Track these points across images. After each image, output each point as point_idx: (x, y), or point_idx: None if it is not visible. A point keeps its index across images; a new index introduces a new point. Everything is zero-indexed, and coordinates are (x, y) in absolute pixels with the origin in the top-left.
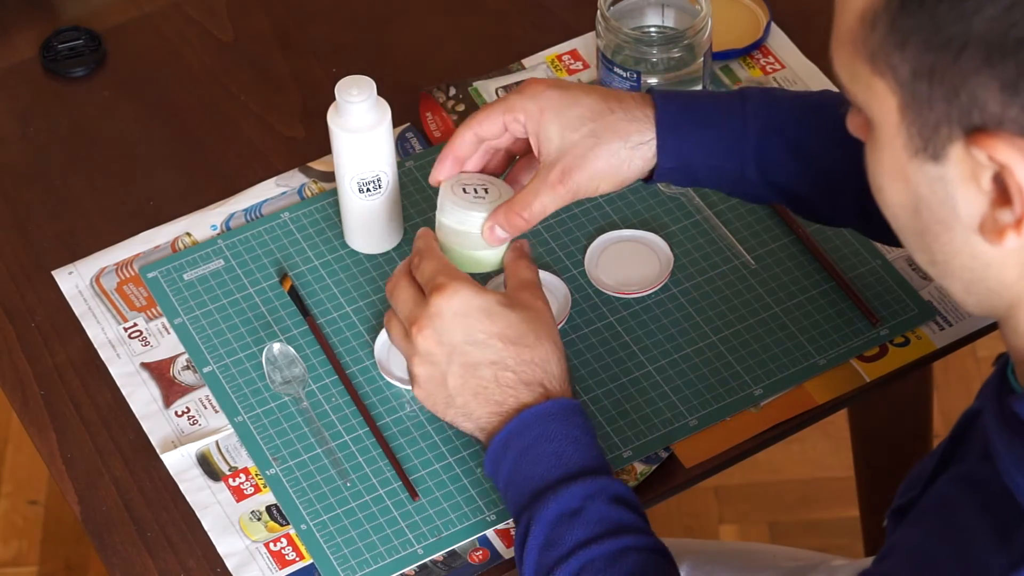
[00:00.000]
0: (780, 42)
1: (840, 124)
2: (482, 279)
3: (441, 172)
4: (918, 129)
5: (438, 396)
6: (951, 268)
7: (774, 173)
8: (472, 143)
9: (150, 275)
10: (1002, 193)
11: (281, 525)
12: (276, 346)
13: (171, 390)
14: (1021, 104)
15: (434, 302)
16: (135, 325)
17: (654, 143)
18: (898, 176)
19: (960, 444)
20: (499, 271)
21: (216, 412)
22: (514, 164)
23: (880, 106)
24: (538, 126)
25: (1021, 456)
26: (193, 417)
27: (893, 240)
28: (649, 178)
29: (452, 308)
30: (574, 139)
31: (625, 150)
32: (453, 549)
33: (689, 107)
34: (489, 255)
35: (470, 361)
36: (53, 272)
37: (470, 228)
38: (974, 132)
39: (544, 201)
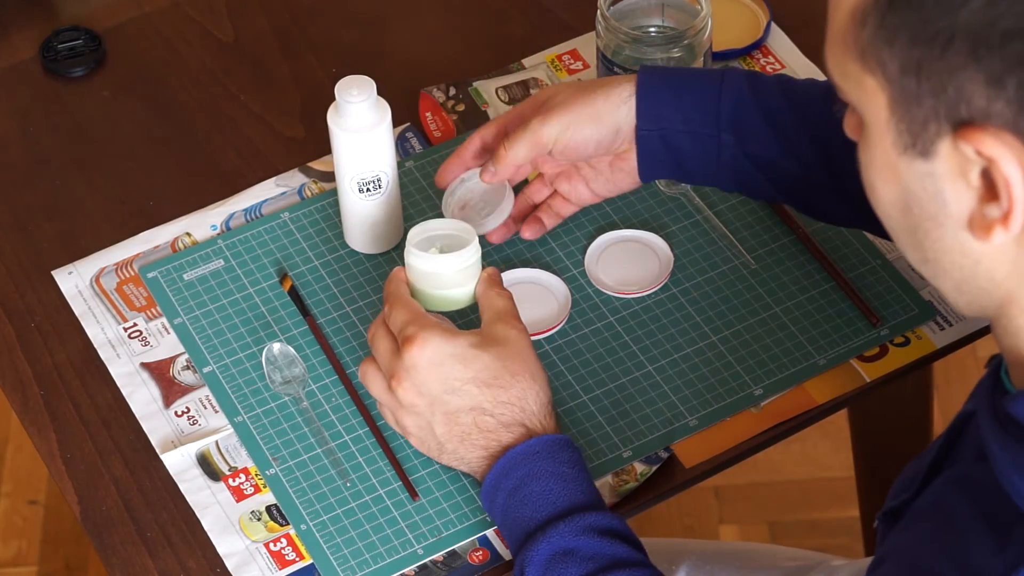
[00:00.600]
0: (780, 42)
1: (816, 110)
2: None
3: (447, 175)
4: (907, 125)
5: (431, 443)
6: (942, 266)
7: (750, 143)
8: (479, 150)
9: (150, 275)
10: (990, 188)
11: (281, 525)
12: (276, 346)
13: (171, 390)
14: (1007, 98)
15: (407, 355)
16: (135, 325)
17: (634, 99)
18: (889, 173)
19: (954, 446)
20: (472, 305)
21: (216, 412)
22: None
23: (870, 103)
24: (537, 101)
25: (1016, 457)
26: (193, 417)
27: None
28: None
29: (425, 358)
30: (560, 87)
31: (604, 94)
32: (453, 549)
33: (669, 76)
34: (459, 293)
35: (450, 410)
36: (53, 272)
37: (437, 268)
38: (961, 127)
39: (519, 133)
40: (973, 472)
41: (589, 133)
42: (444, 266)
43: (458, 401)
